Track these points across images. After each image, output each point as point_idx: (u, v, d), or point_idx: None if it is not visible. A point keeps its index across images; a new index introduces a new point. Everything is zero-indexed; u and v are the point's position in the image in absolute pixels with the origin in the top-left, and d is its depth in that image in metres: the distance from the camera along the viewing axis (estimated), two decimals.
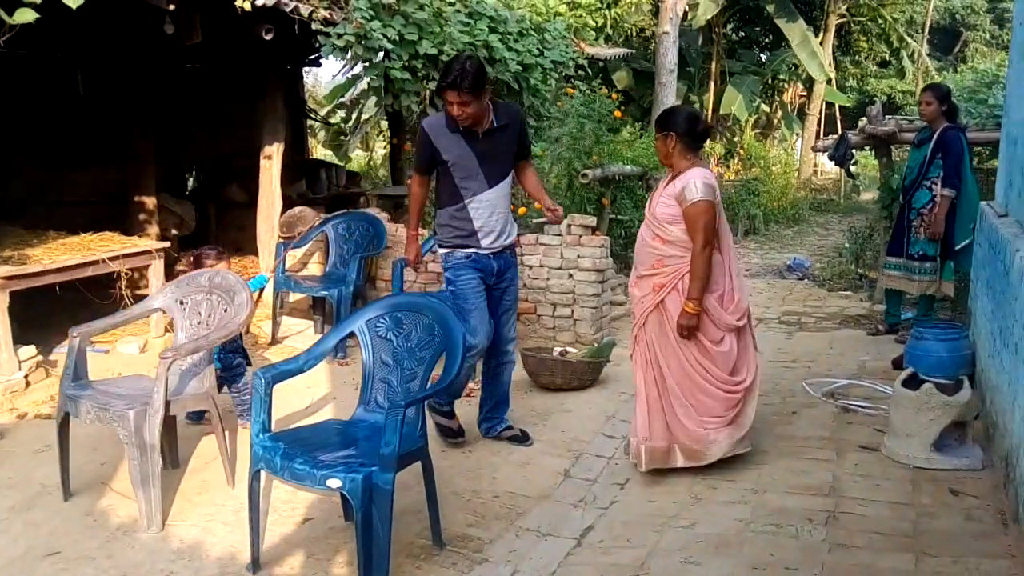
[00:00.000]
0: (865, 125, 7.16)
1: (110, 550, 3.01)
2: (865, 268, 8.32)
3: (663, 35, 11.34)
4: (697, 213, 3.41)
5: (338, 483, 2.58)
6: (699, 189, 3.41)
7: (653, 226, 3.58)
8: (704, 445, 3.61)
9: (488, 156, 3.78)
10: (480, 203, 3.81)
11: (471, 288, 3.86)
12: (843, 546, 2.92)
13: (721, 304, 3.56)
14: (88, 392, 3.32)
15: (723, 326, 3.56)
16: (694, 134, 3.58)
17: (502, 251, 3.95)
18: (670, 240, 3.53)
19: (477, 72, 3.56)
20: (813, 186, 18.90)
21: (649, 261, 3.61)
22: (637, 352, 3.71)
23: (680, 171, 3.53)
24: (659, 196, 3.62)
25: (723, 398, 3.60)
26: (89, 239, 5.54)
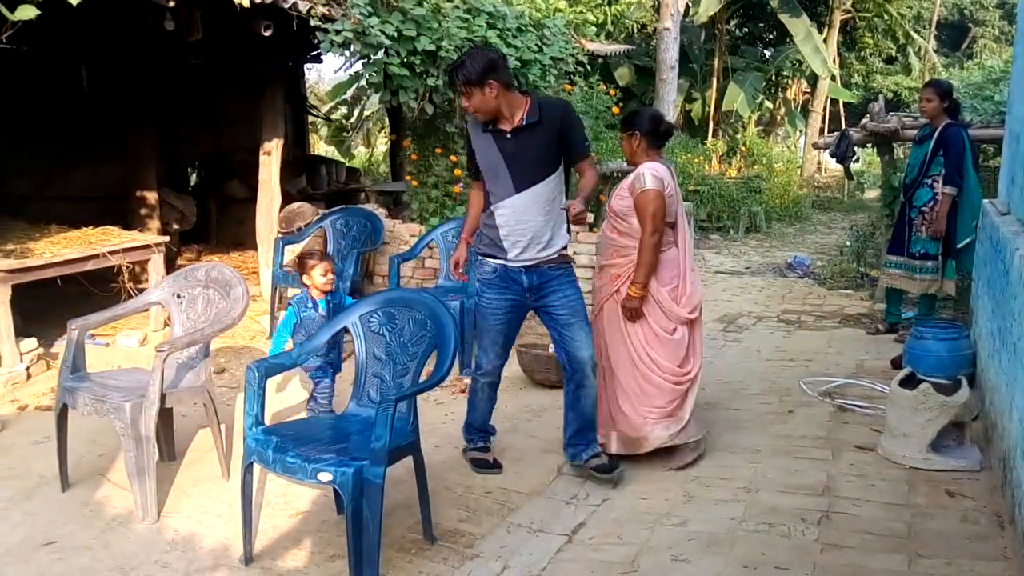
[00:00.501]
0: (867, 122, 7.13)
1: (106, 540, 3.04)
2: (866, 267, 8.29)
3: (664, 31, 11.34)
4: (646, 201, 3.54)
5: (329, 476, 2.61)
6: (648, 180, 3.55)
7: (611, 219, 3.73)
8: (642, 434, 3.73)
9: (516, 157, 3.44)
10: (506, 209, 3.48)
11: (489, 308, 3.61)
12: (835, 546, 2.92)
13: (674, 297, 3.68)
14: (86, 384, 3.35)
15: (675, 318, 3.68)
16: (657, 133, 3.72)
17: (538, 265, 3.53)
18: (625, 231, 3.66)
19: (475, 62, 3.35)
20: (816, 183, 18.85)
21: (607, 252, 3.75)
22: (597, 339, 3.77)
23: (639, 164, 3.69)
24: (616, 190, 3.77)
25: (668, 389, 3.71)
26: (90, 233, 5.57)
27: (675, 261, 3.70)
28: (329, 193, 9.16)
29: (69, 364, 3.41)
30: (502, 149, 3.46)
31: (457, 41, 5.71)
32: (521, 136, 3.43)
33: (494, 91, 3.36)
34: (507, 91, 3.40)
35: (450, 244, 5.56)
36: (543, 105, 3.48)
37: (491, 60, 3.39)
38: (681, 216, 3.75)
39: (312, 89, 17.87)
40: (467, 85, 3.37)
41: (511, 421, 4.33)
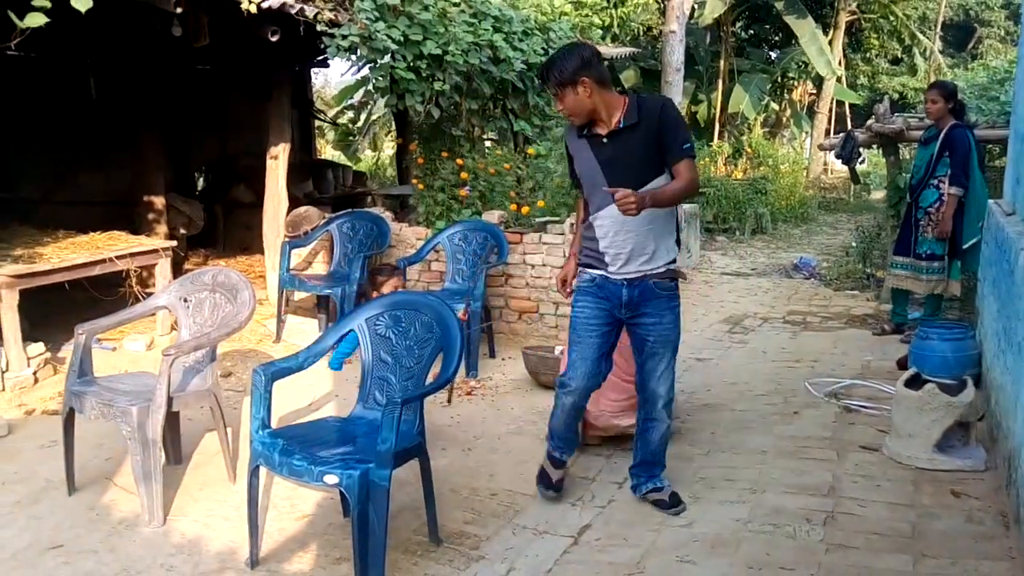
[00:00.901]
0: (872, 123, 7.12)
1: (112, 544, 3.06)
2: (872, 267, 8.27)
3: (670, 34, 11.34)
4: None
5: (335, 479, 2.61)
6: None
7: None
8: (600, 424, 3.93)
9: (613, 163, 3.11)
10: (604, 219, 3.16)
11: (582, 318, 3.28)
12: (841, 546, 2.92)
13: None
14: (93, 388, 3.36)
15: None
16: None
17: (643, 278, 3.17)
18: None
19: (567, 59, 3.03)
20: (822, 185, 18.82)
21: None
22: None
23: None
24: None
25: (622, 387, 3.82)
26: (97, 238, 5.61)
27: None
28: (335, 197, 9.19)
29: (76, 368, 3.43)
30: (598, 155, 3.15)
31: (464, 45, 5.72)
32: (618, 140, 3.10)
33: (588, 90, 3.04)
34: (602, 90, 3.07)
35: (456, 247, 5.57)
36: (642, 105, 3.11)
37: (584, 56, 3.07)
38: None
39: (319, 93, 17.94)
40: (559, 85, 3.05)
41: (517, 423, 4.33)
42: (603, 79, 3.09)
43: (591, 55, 3.09)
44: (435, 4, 5.78)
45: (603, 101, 3.07)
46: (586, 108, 3.07)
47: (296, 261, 6.28)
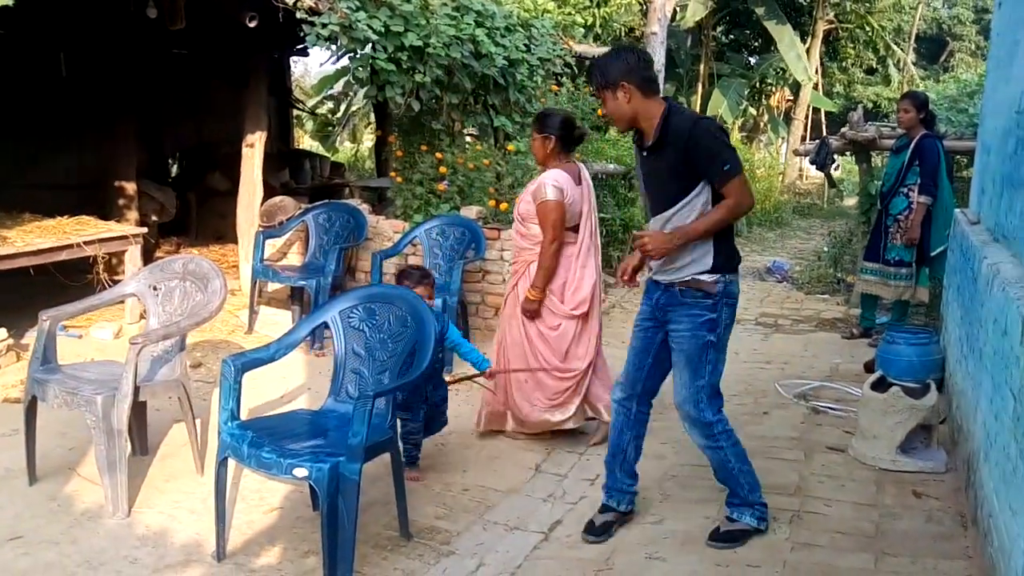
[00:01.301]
0: (846, 131, 7.21)
1: (74, 535, 3.00)
2: (843, 272, 8.38)
3: (651, 35, 11.35)
4: (546, 211, 3.75)
5: (304, 472, 2.58)
6: (549, 191, 3.73)
7: (516, 221, 3.96)
8: (532, 419, 3.98)
9: (648, 178, 3.06)
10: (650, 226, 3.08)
11: (637, 319, 3.22)
12: (806, 545, 2.97)
13: (561, 294, 3.88)
14: (56, 376, 3.29)
15: (560, 314, 3.88)
16: (570, 138, 3.87)
17: (670, 285, 3.04)
18: (525, 235, 3.90)
19: (610, 62, 2.95)
20: (797, 190, 18.99)
21: (515, 252, 4.05)
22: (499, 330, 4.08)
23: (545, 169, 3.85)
24: (523, 192, 3.95)
25: (553, 384, 3.92)
26: (65, 223, 5.49)
27: (568, 260, 3.88)
28: (312, 188, 9.12)
29: (39, 355, 3.35)
30: (641, 166, 3.07)
31: (445, 38, 5.68)
32: (652, 156, 2.97)
33: (627, 95, 2.91)
34: (646, 98, 2.92)
35: (434, 241, 5.53)
36: (668, 124, 2.90)
37: (629, 62, 2.94)
38: (587, 216, 3.92)
39: (298, 83, 17.78)
40: (600, 88, 2.98)
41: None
42: (648, 87, 2.94)
43: (637, 61, 2.95)
44: None
45: (645, 110, 2.93)
46: (626, 114, 2.96)
47: (271, 251, 6.20)
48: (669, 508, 3.34)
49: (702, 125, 2.92)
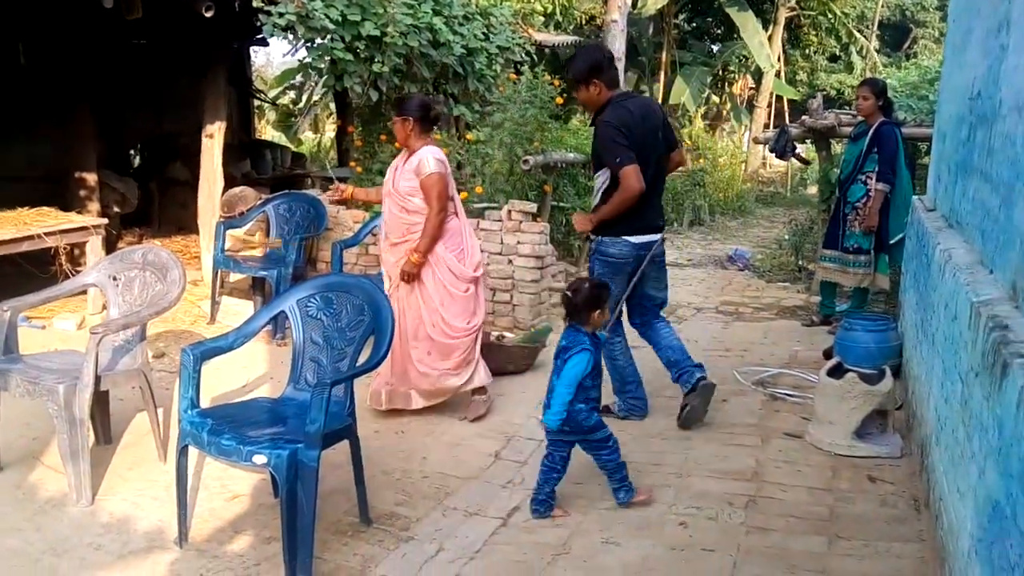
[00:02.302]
0: (805, 118, 7.29)
1: (38, 523, 3.03)
2: (804, 260, 8.45)
3: (611, 23, 11.39)
4: (432, 184, 4.02)
5: (264, 459, 2.63)
6: (432, 164, 4.02)
7: (399, 199, 4.12)
8: (439, 387, 4.21)
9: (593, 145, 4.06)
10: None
11: None
12: (760, 529, 3.04)
13: (462, 260, 4.19)
14: (19, 366, 3.31)
15: (464, 278, 4.19)
16: (427, 119, 4.17)
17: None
18: (414, 210, 4.10)
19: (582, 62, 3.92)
20: (760, 178, 19.13)
21: (400, 230, 4.15)
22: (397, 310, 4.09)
23: (415, 150, 4.09)
24: (400, 173, 4.15)
25: (459, 344, 4.18)
26: (25, 214, 5.46)
27: (458, 229, 4.20)
28: (274, 178, 9.07)
29: (1, 346, 3.36)
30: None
31: (402, 27, 5.69)
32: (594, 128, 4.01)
33: (597, 89, 3.89)
34: (608, 90, 3.90)
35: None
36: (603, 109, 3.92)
37: (597, 60, 3.92)
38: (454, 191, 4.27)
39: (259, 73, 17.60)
40: (575, 82, 3.91)
41: (452, 407, 4.37)
42: (612, 82, 3.93)
43: (603, 59, 3.93)
44: None
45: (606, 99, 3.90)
46: (595, 103, 3.94)
47: (231, 242, 6.20)
48: None
49: (604, 123, 3.88)
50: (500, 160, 6.41)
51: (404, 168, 4.13)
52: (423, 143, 4.11)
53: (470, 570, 2.86)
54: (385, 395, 4.23)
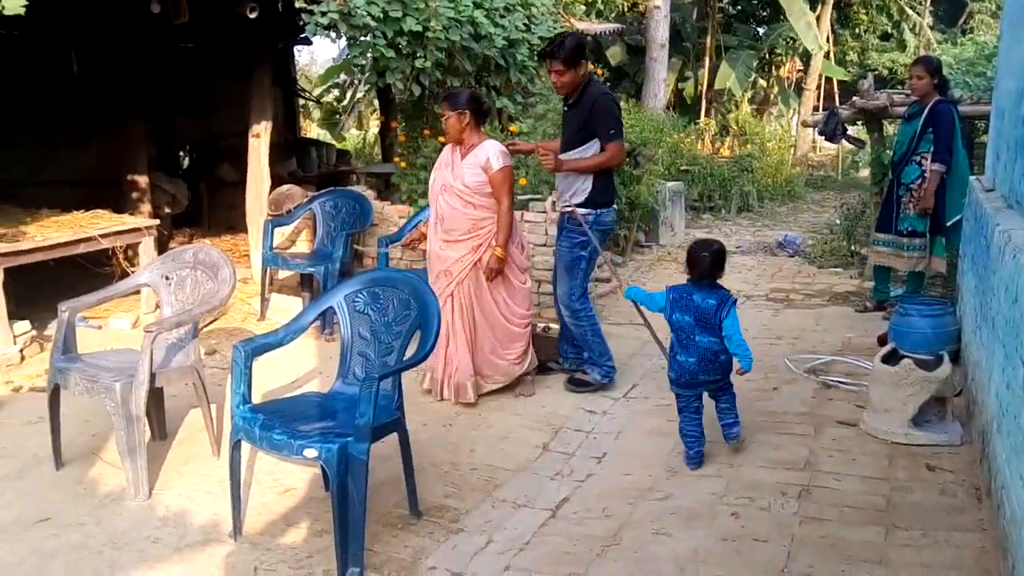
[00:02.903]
0: (856, 99, 7.12)
1: (99, 517, 3.11)
2: (856, 245, 8.30)
3: (654, 9, 11.31)
4: (503, 178, 4.12)
5: (314, 453, 2.66)
6: (500, 158, 4.11)
7: (465, 195, 4.15)
8: (511, 374, 4.41)
9: (566, 126, 4.37)
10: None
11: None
12: (814, 519, 2.98)
13: (521, 252, 4.39)
14: (77, 365, 3.40)
15: (523, 268, 4.40)
16: (481, 112, 4.27)
17: (562, 212, 4.42)
18: (481, 205, 4.16)
19: (572, 47, 4.13)
20: (810, 162, 18.78)
21: (465, 226, 4.20)
22: (453, 303, 4.25)
23: (473, 144, 4.16)
24: (460, 168, 4.18)
25: (523, 332, 4.41)
26: (81, 217, 5.61)
27: (516, 223, 4.37)
28: (319, 175, 9.17)
29: (60, 345, 3.46)
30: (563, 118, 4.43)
31: (444, 21, 5.69)
32: (570, 111, 4.30)
33: (583, 70, 4.22)
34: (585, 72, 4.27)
35: None
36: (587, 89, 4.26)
37: (582, 45, 4.26)
38: None
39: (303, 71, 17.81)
40: (565, 63, 4.13)
41: (498, 400, 4.38)
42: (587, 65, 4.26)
43: (585, 42, 4.27)
44: None
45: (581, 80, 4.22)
46: (577, 85, 4.22)
47: (280, 240, 6.29)
48: (675, 484, 3.38)
49: (607, 97, 4.26)
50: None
51: (463, 163, 4.15)
52: (479, 137, 4.17)
53: (520, 561, 2.87)
54: (450, 386, 4.29)
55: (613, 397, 4.49)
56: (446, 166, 4.23)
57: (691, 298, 3.54)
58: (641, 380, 4.76)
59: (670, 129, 10.47)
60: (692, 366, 3.54)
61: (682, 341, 3.57)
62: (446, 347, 4.25)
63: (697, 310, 3.52)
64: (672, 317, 3.58)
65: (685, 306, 3.55)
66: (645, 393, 4.56)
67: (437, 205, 4.26)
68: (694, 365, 3.54)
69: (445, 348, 4.25)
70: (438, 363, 4.29)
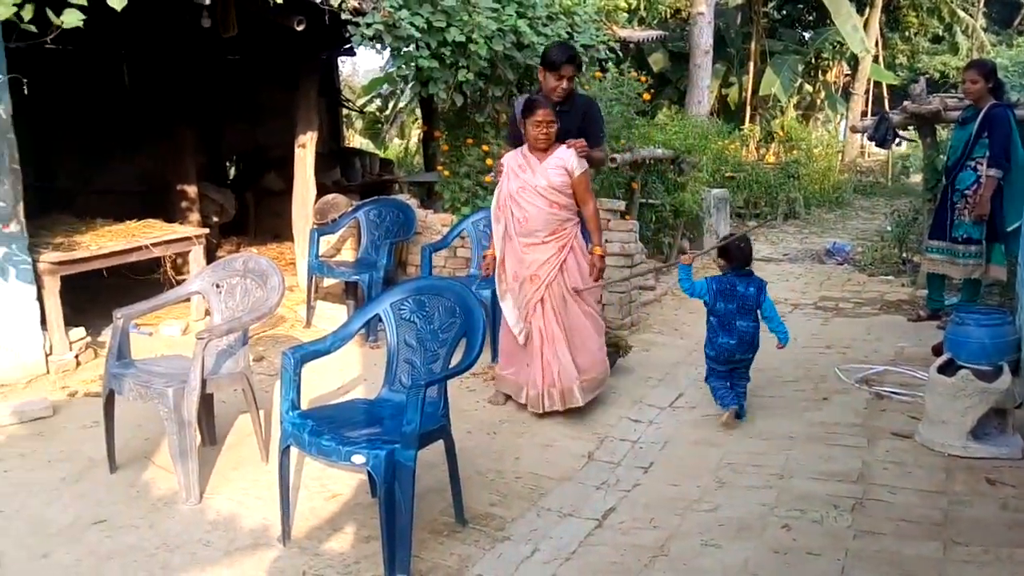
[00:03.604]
0: (908, 104, 6.99)
1: (152, 520, 3.16)
2: (908, 252, 8.15)
3: (698, 15, 11.23)
4: (587, 181, 4.24)
5: (362, 459, 2.68)
6: (580, 162, 4.18)
7: (549, 195, 4.15)
8: (605, 368, 4.40)
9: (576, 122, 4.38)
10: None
11: None
12: (869, 533, 2.91)
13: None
14: (131, 371, 3.46)
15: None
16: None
17: None
18: (565, 205, 4.19)
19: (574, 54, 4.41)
20: (859, 168, 18.48)
21: (551, 226, 4.18)
22: (544, 308, 4.21)
23: (550, 149, 4.18)
24: (543, 170, 4.16)
25: (601, 324, 4.43)
26: (133, 226, 5.73)
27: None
28: (363, 185, 9.27)
29: (115, 351, 3.53)
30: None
31: (488, 32, 5.72)
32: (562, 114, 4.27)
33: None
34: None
35: (481, 233, 5.60)
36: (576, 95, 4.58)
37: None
38: None
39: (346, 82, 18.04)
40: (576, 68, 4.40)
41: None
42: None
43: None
44: None
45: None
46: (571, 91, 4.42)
47: (324, 248, 6.36)
48: (724, 495, 3.33)
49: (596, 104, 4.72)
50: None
51: (544, 166, 4.16)
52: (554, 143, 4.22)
53: (566, 571, 2.85)
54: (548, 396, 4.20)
55: (659, 406, 4.45)
56: (522, 170, 4.21)
57: (735, 288, 4.09)
58: (687, 389, 4.71)
59: (714, 135, 10.39)
60: (733, 347, 4.10)
61: (725, 326, 4.10)
62: (540, 357, 4.20)
63: (742, 298, 4.07)
64: (716, 306, 4.11)
65: (730, 295, 4.08)
66: (692, 403, 4.50)
67: (516, 210, 4.22)
68: (735, 346, 4.10)
69: (539, 358, 4.20)
70: (531, 377, 4.22)
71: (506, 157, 4.33)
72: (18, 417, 4.07)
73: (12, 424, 4.03)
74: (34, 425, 4.05)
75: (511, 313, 4.27)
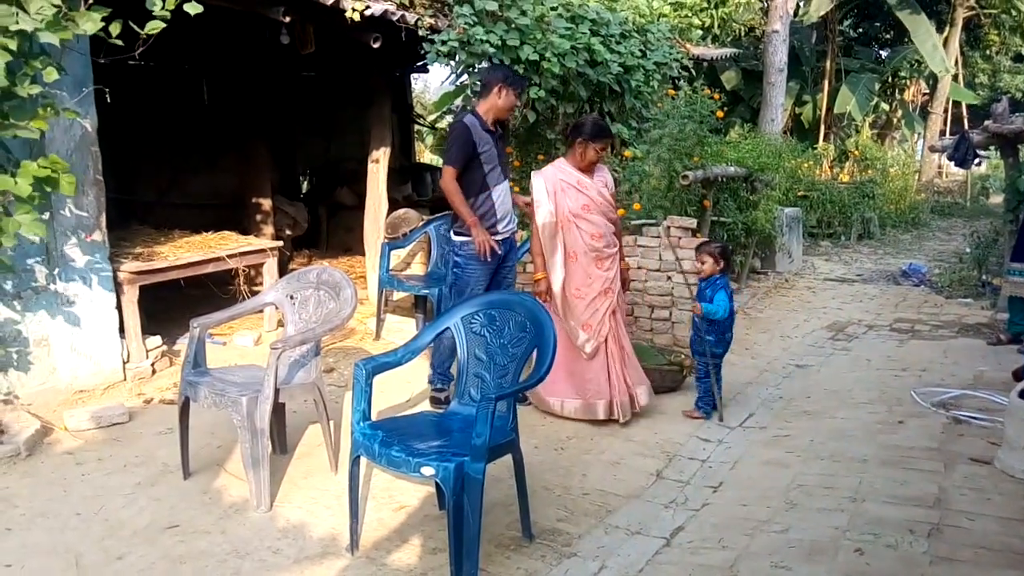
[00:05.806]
0: (990, 123, 6.79)
1: (223, 526, 3.22)
2: (988, 275, 7.89)
3: (772, 33, 11.08)
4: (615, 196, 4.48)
5: (431, 471, 2.69)
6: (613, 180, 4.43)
7: (608, 211, 4.34)
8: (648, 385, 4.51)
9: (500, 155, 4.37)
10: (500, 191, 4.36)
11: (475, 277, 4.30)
12: (946, 560, 2.81)
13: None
14: (206, 379, 3.55)
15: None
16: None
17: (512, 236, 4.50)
18: (613, 220, 4.40)
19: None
20: (936, 188, 17.96)
21: (612, 240, 4.37)
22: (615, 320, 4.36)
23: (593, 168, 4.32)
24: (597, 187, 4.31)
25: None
26: (210, 238, 5.90)
27: None
28: (433, 199, 9.38)
29: (191, 360, 3.62)
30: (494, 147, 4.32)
31: (560, 50, 5.75)
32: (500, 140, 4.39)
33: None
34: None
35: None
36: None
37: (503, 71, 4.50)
38: None
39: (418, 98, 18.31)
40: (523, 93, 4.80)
41: (610, 425, 4.33)
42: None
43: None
44: (533, 9, 5.82)
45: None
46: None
47: (395, 262, 6.43)
48: (795, 517, 3.24)
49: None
50: (658, 176, 6.33)
51: (593, 182, 4.31)
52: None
53: None
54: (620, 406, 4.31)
55: (729, 426, 4.37)
56: (582, 186, 4.28)
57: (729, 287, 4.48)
58: (758, 410, 4.63)
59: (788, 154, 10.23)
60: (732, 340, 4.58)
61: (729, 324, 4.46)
62: (608, 370, 4.31)
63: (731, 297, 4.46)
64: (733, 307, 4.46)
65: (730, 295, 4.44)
66: (762, 423, 4.42)
67: (585, 226, 4.28)
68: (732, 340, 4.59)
69: (608, 372, 4.31)
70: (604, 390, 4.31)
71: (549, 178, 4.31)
72: (96, 422, 4.20)
73: (91, 429, 4.16)
74: (111, 431, 4.18)
75: (574, 330, 4.28)
